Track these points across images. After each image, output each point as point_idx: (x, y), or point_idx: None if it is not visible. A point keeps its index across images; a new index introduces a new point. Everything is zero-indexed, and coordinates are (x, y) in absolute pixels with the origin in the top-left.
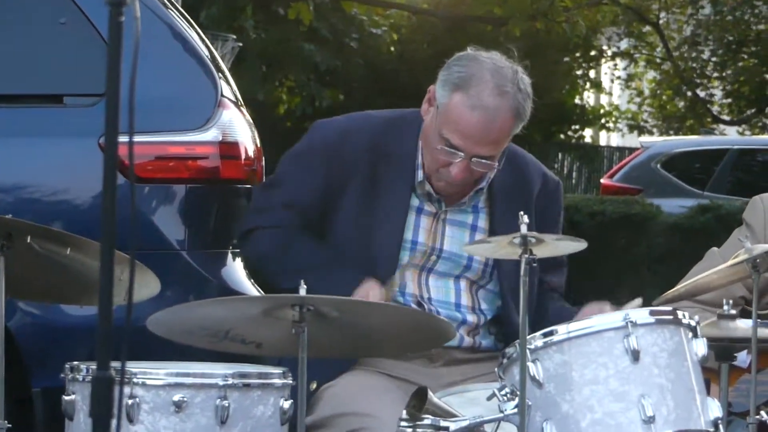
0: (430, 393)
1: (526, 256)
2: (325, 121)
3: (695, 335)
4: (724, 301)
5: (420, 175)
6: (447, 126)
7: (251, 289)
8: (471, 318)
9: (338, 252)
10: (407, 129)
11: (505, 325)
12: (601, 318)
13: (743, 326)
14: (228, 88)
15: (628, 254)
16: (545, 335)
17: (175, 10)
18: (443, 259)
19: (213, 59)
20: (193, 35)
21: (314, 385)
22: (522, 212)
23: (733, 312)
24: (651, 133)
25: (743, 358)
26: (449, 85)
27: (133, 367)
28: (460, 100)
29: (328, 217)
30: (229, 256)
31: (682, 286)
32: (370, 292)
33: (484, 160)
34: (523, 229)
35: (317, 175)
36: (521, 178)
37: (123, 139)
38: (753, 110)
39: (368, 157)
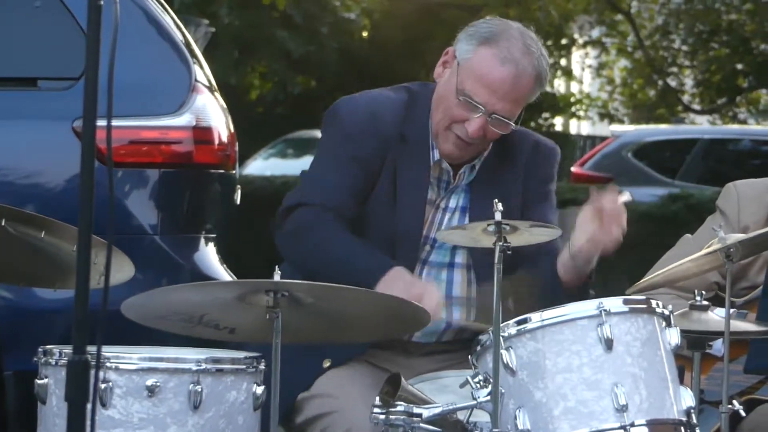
0: (403, 380)
1: (500, 243)
2: (346, 101)
3: (668, 324)
4: (696, 291)
5: (436, 155)
6: (471, 79)
7: (223, 273)
8: (459, 311)
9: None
10: (420, 109)
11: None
12: (575, 306)
13: (715, 318)
14: (202, 73)
15: None
16: (519, 323)
17: None
18: (436, 248)
19: (187, 44)
20: (168, 20)
21: (328, 363)
22: (496, 200)
23: (705, 303)
24: (622, 121)
25: (718, 347)
26: (476, 39)
27: (106, 351)
28: (489, 52)
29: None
30: (202, 240)
31: (656, 274)
32: (426, 296)
33: (502, 119)
34: (497, 216)
35: (357, 160)
36: (506, 150)
37: (100, 123)
38: (724, 100)
39: (393, 140)
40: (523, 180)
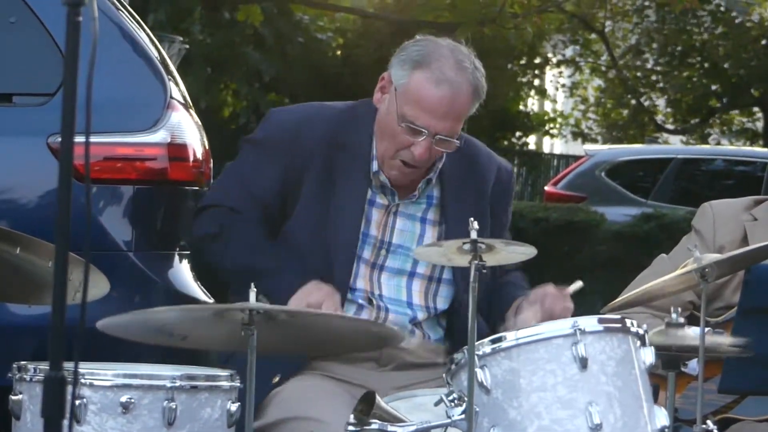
0: (377, 397)
1: (476, 262)
2: (280, 109)
3: (643, 343)
4: (672, 309)
5: (375, 165)
6: (409, 105)
7: (198, 291)
8: (422, 315)
9: (289, 252)
10: (361, 120)
11: (456, 322)
12: (550, 325)
13: (691, 334)
14: (177, 90)
15: (572, 261)
16: (493, 341)
17: (125, 11)
18: (392, 253)
19: (162, 61)
20: (143, 36)
21: (277, 378)
22: (472, 218)
23: (681, 320)
24: (595, 140)
25: (693, 365)
26: (408, 64)
27: (81, 367)
28: (423, 76)
29: (288, 210)
30: (176, 257)
31: (631, 293)
32: (324, 301)
33: (446, 138)
34: (473, 235)
35: (276, 166)
36: (474, 168)
37: (77, 140)
38: (697, 120)
39: (325, 147)
40: (489, 203)
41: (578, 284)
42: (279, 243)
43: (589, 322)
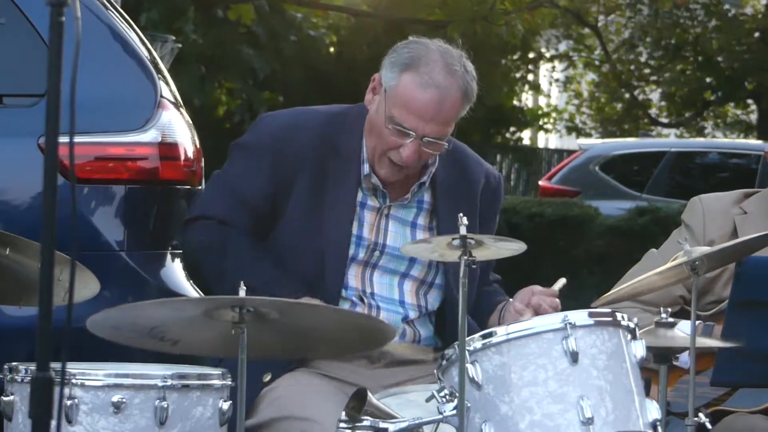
0: (369, 394)
1: (466, 258)
2: (270, 114)
3: (634, 337)
4: (662, 309)
5: (366, 168)
6: (397, 107)
7: (190, 290)
8: (414, 314)
9: (280, 262)
10: (352, 123)
11: (447, 320)
12: (540, 319)
13: (681, 334)
14: (167, 89)
15: (567, 256)
16: (484, 337)
17: (115, 11)
18: (387, 255)
19: (153, 60)
20: (133, 36)
21: (268, 377)
22: (461, 214)
23: (671, 320)
24: (589, 135)
25: (684, 359)
26: (398, 66)
27: (71, 367)
28: (411, 79)
29: (278, 213)
30: (169, 257)
31: (621, 287)
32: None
33: (434, 141)
34: (462, 230)
35: (266, 171)
36: (464, 174)
37: (63, 139)
38: (691, 113)
39: (316, 151)
40: (478, 209)
41: (562, 281)
42: (270, 253)
43: (580, 316)
